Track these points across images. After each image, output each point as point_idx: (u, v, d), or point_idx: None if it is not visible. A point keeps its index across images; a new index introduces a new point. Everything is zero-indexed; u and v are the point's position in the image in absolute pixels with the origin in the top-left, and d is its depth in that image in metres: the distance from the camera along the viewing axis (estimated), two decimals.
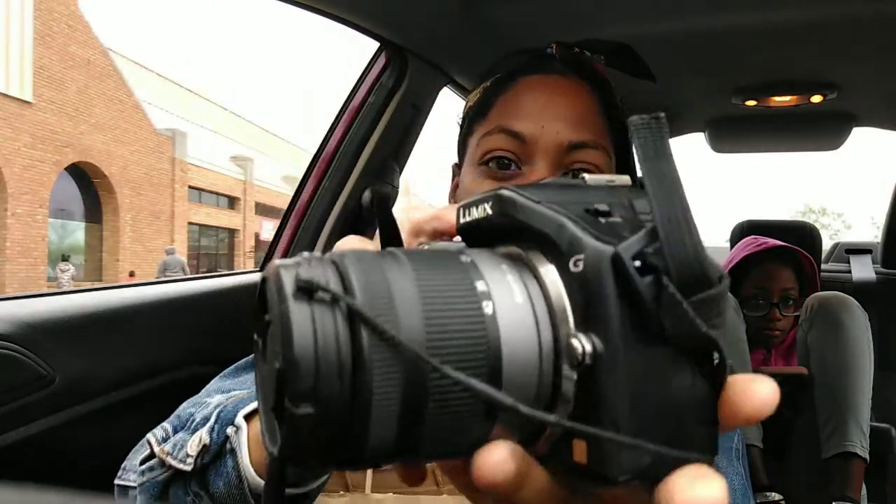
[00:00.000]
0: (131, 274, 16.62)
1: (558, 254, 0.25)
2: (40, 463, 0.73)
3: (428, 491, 0.59)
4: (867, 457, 1.60)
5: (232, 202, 22.83)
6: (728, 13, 1.17)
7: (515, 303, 0.24)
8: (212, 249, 22.79)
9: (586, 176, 0.27)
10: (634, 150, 0.27)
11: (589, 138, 0.64)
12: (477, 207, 0.28)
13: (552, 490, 0.25)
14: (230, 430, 0.44)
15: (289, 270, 0.23)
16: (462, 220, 0.30)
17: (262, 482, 0.41)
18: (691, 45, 1.31)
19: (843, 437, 1.60)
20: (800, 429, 1.71)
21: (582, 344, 0.23)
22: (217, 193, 21.96)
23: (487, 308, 0.24)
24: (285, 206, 1.33)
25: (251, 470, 0.41)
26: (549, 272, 0.25)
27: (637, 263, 0.23)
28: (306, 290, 0.22)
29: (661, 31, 1.24)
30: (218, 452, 0.45)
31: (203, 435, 0.45)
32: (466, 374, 0.22)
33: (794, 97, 1.62)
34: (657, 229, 0.23)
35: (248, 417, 0.44)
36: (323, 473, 0.43)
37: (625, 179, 0.27)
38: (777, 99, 1.64)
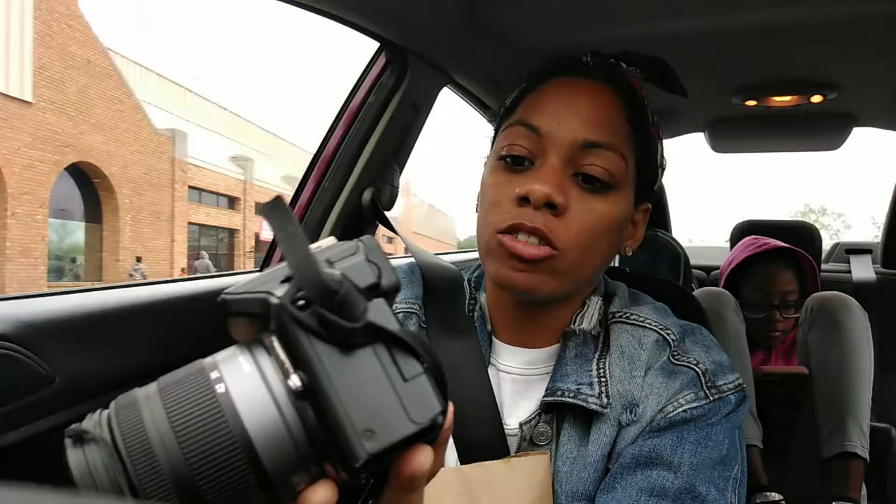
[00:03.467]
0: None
1: (266, 320, 0.30)
2: (40, 463, 0.73)
3: None
4: (867, 457, 1.59)
5: (232, 202, 22.81)
6: (728, 13, 1.17)
7: (244, 373, 0.29)
8: (212, 249, 22.77)
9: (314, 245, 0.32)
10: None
11: (604, 139, 0.66)
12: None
13: None
14: None
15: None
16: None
17: None
18: (691, 45, 1.31)
19: (843, 437, 1.60)
20: (800, 429, 1.71)
21: (293, 381, 0.29)
22: (217, 193, 21.94)
23: (220, 388, 0.28)
24: None
25: None
26: (268, 335, 0.30)
27: (299, 304, 0.29)
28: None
29: (661, 31, 1.24)
30: None
31: None
32: (227, 458, 0.27)
33: (794, 97, 1.62)
34: (294, 277, 0.30)
35: None
36: None
37: (327, 241, 0.33)
38: (777, 99, 1.64)
